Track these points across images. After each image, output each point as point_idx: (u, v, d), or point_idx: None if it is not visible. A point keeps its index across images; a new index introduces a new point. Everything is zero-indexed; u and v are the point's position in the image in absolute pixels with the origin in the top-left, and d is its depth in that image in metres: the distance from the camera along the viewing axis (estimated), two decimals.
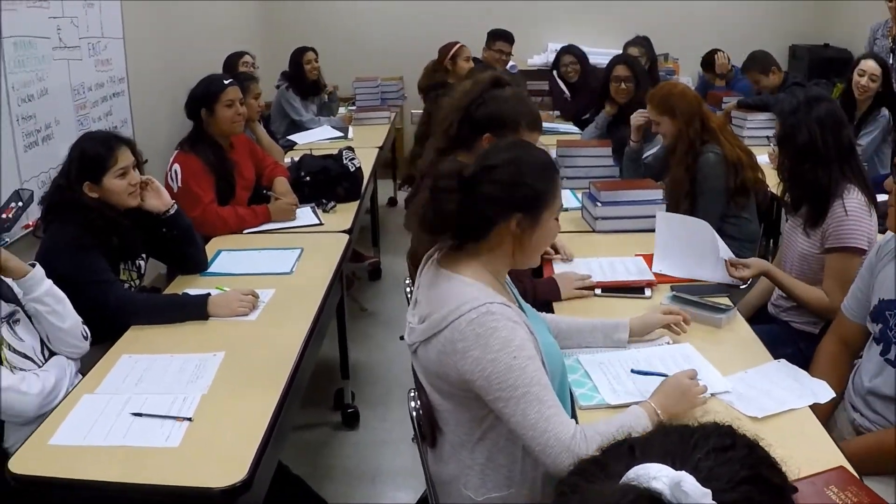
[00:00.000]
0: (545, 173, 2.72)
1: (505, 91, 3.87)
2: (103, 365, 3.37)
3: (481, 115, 3.77)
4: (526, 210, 2.66)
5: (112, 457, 2.73)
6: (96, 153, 3.92)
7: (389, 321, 6.66)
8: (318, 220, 5.31)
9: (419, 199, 2.76)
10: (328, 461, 4.90)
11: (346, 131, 8.38)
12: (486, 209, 2.65)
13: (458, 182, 2.65)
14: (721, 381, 3.05)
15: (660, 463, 1.24)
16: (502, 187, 2.64)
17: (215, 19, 8.84)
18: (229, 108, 5.26)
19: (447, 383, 2.68)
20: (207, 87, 5.31)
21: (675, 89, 5.20)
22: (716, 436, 1.31)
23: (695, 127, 4.97)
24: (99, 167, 3.90)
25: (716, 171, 4.90)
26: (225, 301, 3.85)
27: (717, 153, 4.91)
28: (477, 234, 2.70)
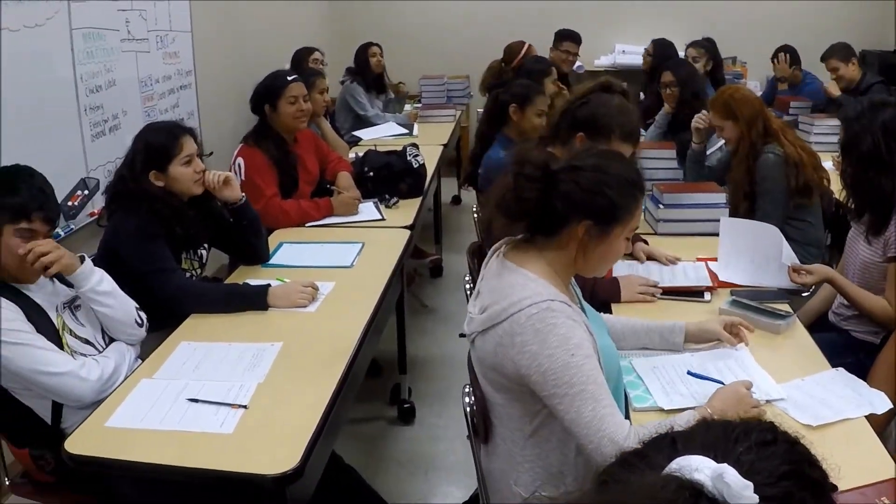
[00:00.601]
0: (627, 189, 2.69)
1: (612, 98, 3.89)
2: (162, 351, 3.41)
3: (580, 115, 3.82)
4: (597, 219, 2.65)
5: (166, 440, 2.76)
6: (162, 142, 3.97)
7: (449, 318, 6.65)
8: (380, 216, 5.31)
9: (501, 183, 2.74)
10: (382, 454, 4.91)
11: (412, 128, 8.39)
12: (561, 206, 2.64)
13: (543, 172, 2.65)
14: (776, 388, 3.01)
15: (702, 456, 1.24)
16: (581, 190, 2.63)
17: (282, 16, 8.89)
18: (292, 104, 5.27)
19: (502, 376, 2.68)
20: (271, 83, 5.34)
21: (735, 93, 5.15)
22: (757, 431, 1.30)
23: (757, 129, 4.92)
24: (165, 155, 3.95)
25: (775, 172, 4.84)
26: (285, 292, 3.87)
27: (777, 154, 4.86)
28: (548, 229, 2.71)
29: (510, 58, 8.69)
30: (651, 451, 1.32)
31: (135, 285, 3.68)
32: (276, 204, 5.09)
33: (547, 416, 2.67)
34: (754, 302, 3.67)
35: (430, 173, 6.24)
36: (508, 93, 5.45)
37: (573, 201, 2.64)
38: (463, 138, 10.35)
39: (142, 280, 3.76)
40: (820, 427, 2.78)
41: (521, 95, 5.38)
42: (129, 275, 3.73)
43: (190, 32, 6.47)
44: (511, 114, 5.34)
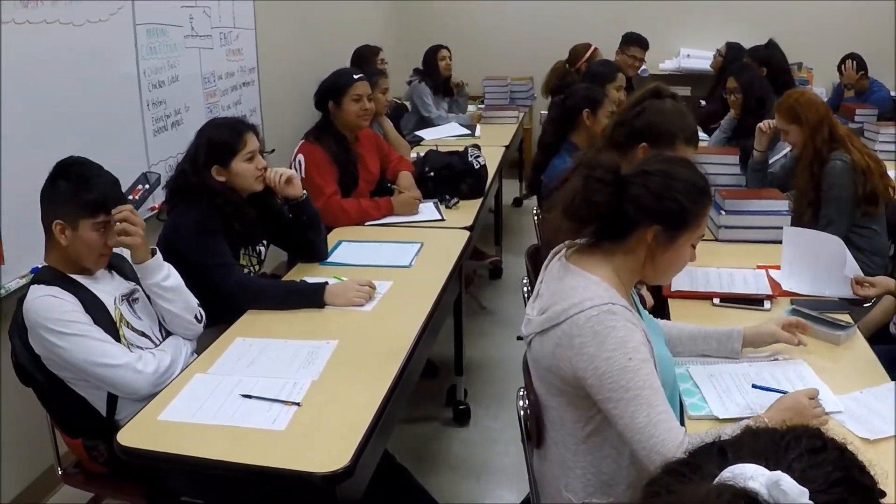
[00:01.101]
0: (696, 196, 2.69)
1: (665, 103, 3.88)
2: (217, 346, 3.42)
3: (640, 124, 3.81)
4: (666, 224, 2.65)
5: (218, 435, 2.76)
6: (225, 137, 4.00)
7: (507, 320, 6.61)
8: (439, 216, 5.29)
9: (569, 187, 2.72)
10: (436, 455, 4.89)
11: (474, 129, 8.38)
12: (630, 210, 2.64)
13: (614, 176, 2.65)
14: (833, 399, 2.95)
15: (753, 464, 1.22)
16: (650, 194, 2.63)
17: (346, 14, 8.93)
18: (356, 102, 5.28)
19: (558, 378, 2.67)
20: (336, 80, 5.35)
21: (801, 97, 5.09)
22: (807, 437, 1.29)
23: (822, 135, 4.86)
24: (228, 151, 3.97)
25: (842, 180, 4.77)
26: (342, 290, 3.86)
27: (844, 161, 4.79)
28: (616, 233, 2.70)
29: (574, 59, 8.66)
30: (700, 460, 1.31)
31: (192, 280, 3.70)
32: (336, 202, 5.09)
33: (601, 421, 2.66)
34: (814, 312, 3.61)
35: (492, 174, 6.23)
36: (576, 97, 5.36)
37: (643, 205, 2.64)
38: (525, 140, 10.33)
39: (199, 275, 3.78)
40: (878, 441, 2.73)
41: (592, 100, 5.26)
42: (187, 269, 3.74)
43: (254, 30, 6.50)
44: (584, 119, 5.23)
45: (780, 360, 3.28)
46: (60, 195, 3.22)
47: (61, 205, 3.21)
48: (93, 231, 3.22)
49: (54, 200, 3.23)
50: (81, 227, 3.20)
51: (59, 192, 3.22)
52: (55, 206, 3.22)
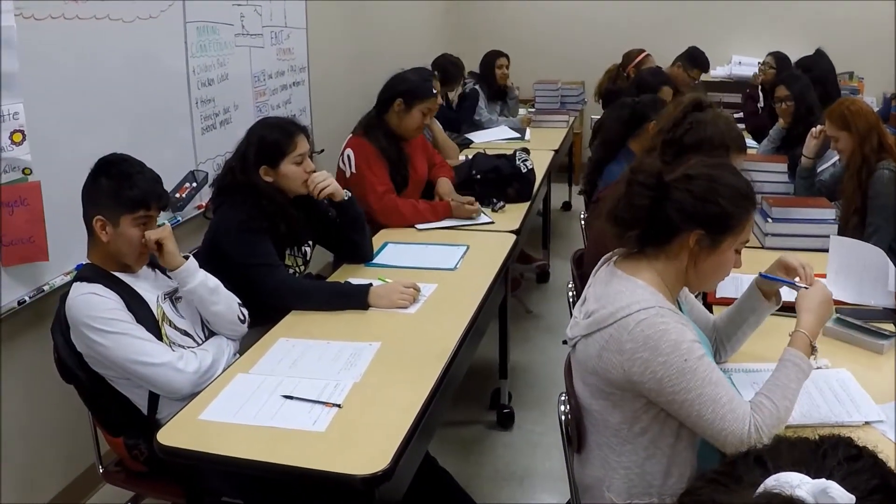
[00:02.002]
0: (740, 200, 2.68)
1: (708, 114, 3.85)
2: (260, 346, 3.42)
3: (691, 141, 3.76)
4: (709, 228, 2.64)
5: (258, 436, 2.75)
6: (277, 138, 3.99)
7: (553, 325, 6.58)
8: (486, 219, 5.26)
9: (614, 193, 2.76)
10: (479, 459, 4.87)
11: (524, 132, 8.36)
12: (672, 215, 2.64)
13: (657, 180, 2.65)
14: (875, 409, 2.93)
15: (795, 472, 1.22)
16: (693, 198, 2.63)
17: (399, 15, 8.94)
18: (424, 115, 5.27)
19: (603, 381, 2.67)
20: (419, 86, 5.28)
21: (852, 105, 5.06)
22: (843, 446, 1.28)
23: (871, 143, 4.83)
24: (278, 152, 3.97)
25: (890, 188, 4.74)
26: (386, 292, 3.84)
27: (892, 170, 4.75)
28: (659, 238, 2.70)
29: (626, 64, 8.64)
30: (740, 470, 1.30)
31: (237, 279, 3.72)
32: (392, 201, 5.07)
33: (649, 422, 2.68)
34: (859, 321, 3.58)
35: (540, 178, 6.20)
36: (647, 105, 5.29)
37: (685, 209, 2.63)
38: (575, 144, 10.31)
39: (244, 274, 3.79)
40: None
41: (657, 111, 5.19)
42: (231, 269, 3.77)
43: (305, 29, 6.52)
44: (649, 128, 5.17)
45: (823, 368, 3.25)
46: (102, 191, 3.23)
47: (102, 201, 3.23)
48: (133, 227, 3.24)
49: (96, 197, 3.25)
50: (122, 224, 3.22)
51: (100, 189, 3.23)
52: (96, 203, 3.24)
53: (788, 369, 2.59)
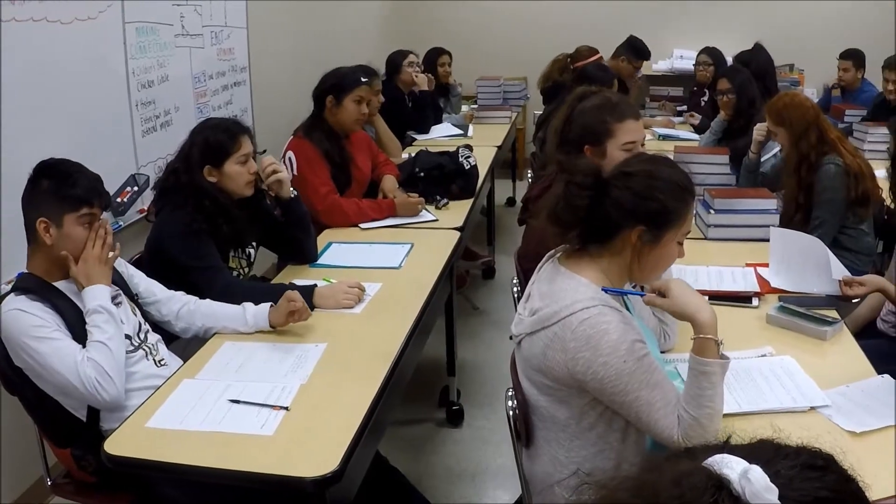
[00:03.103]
0: (678, 193, 2.69)
1: (590, 100, 3.87)
2: (206, 351, 3.40)
3: (575, 134, 3.81)
4: (650, 224, 2.65)
5: (207, 442, 2.74)
6: (221, 138, 3.97)
7: (500, 321, 6.58)
8: (430, 217, 5.27)
9: (552, 193, 2.76)
10: (430, 457, 4.89)
11: (467, 129, 8.36)
12: (612, 213, 2.65)
13: (594, 180, 2.66)
14: (820, 394, 2.99)
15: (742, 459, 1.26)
16: (632, 195, 2.64)
17: (340, 14, 8.92)
18: (357, 104, 5.24)
19: (549, 378, 2.68)
20: (343, 77, 5.29)
21: (791, 101, 5.10)
22: (808, 455, 1.30)
23: (809, 140, 4.87)
24: (222, 152, 3.95)
25: (836, 183, 4.79)
26: (331, 293, 3.84)
27: (837, 164, 4.80)
28: (601, 236, 2.71)
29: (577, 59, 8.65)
30: (698, 451, 1.34)
31: (180, 283, 3.70)
32: (335, 201, 5.06)
33: (596, 417, 2.69)
34: (802, 308, 3.65)
35: (484, 175, 6.21)
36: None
37: (625, 207, 2.64)
38: (518, 140, 10.35)
39: (188, 277, 3.77)
40: (864, 434, 2.77)
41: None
42: (176, 272, 3.76)
43: (245, 28, 6.48)
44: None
45: (767, 356, 3.32)
46: (43, 193, 3.18)
47: (44, 203, 3.18)
48: (78, 226, 3.20)
49: (37, 200, 3.19)
50: (66, 224, 3.18)
51: (41, 191, 3.19)
52: (38, 206, 3.19)
53: (694, 378, 2.57)
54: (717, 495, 1.21)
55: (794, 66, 10.52)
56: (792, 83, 9.82)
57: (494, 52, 11.13)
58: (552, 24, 10.96)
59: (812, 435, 1.35)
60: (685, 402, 2.56)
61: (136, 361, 3.32)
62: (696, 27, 10.80)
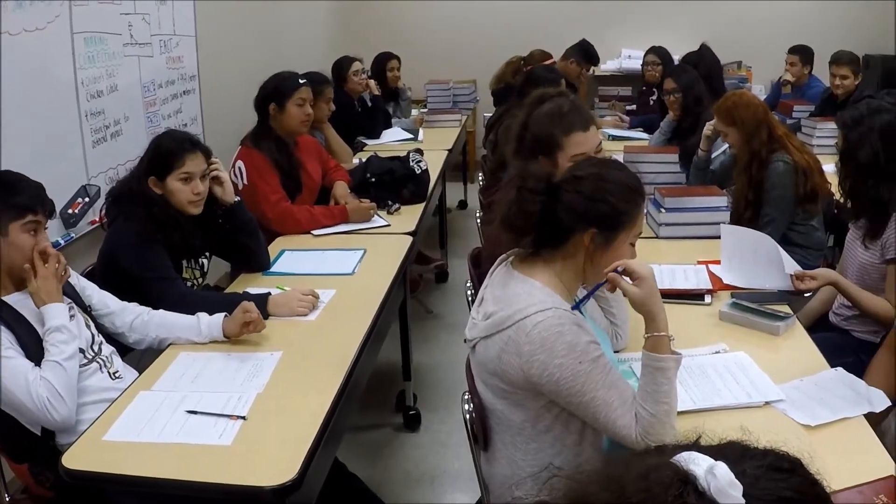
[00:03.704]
0: (628, 195, 2.72)
1: (544, 107, 3.90)
2: (161, 362, 3.39)
3: (529, 142, 3.87)
4: (601, 226, 2.68)
5: (165, 453, 2.74)
6: (168, 151, 3.94)
7: (454, 324, 6.60)
8: (382, 222, 5.28)
9: (505, 198, 2.78)
10: (388, 462, 4.89)
11: (417, 133, 8.37)
12: (564, 217, 2.67)
13: (546, 185, 2.69)
14: (774, 389, 3.02)
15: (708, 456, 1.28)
16: (583, 199, 2.67)
17: (288, 19, 8.89)
18: (300, 106, 5.24)
19: (504, 382, 2.70)
20: (281, 83, 5.29)
21: (739, 100, 5.14)
22: (775, 457, 1.32)
23: (759, 138, 4.92)
24: (166, 165, 3.92)
25: (785, 180, 4.84)
26: (285, 300, 3.84)
27: (786, 161, 4.85)
28: (554, 240, 2.73)
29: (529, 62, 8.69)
30: (667, 448, 1.36)
31: (134, 294, 3.69)
32: (286, 209, 5.05)
33: (552, 420, 2.71)
34: (754, 304, 3.68)
35: (435, 178, 6.24)
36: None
37: (576, 211, 2.67)
38: (469, 143, 10.37)
39: (142, 288, 3.75)
40: (819, 427, 2.80)
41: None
42: (129, 282, 3.74)
43: (194, 36, 6.44)
44: None
45: (721, 352, 3.35)
46: None
47: None
48: (23, 234, 3.17)
49: None
50: (12, 232, 3.15)
51: None
52: None
53: (649, 374, 2.60)
54: (683, 490, 1.23)
55: (741, 64, 10.61)
56: (740, 80, 9.90)
57: (443, 56, 11.15)
58: (500, 26, 11.03)
59: (780, 439, 1.37)
60: (642, 399, 2.59)
61: (91, 374, 3.29)
62: (643, 27, 10.85)
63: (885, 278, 3.92)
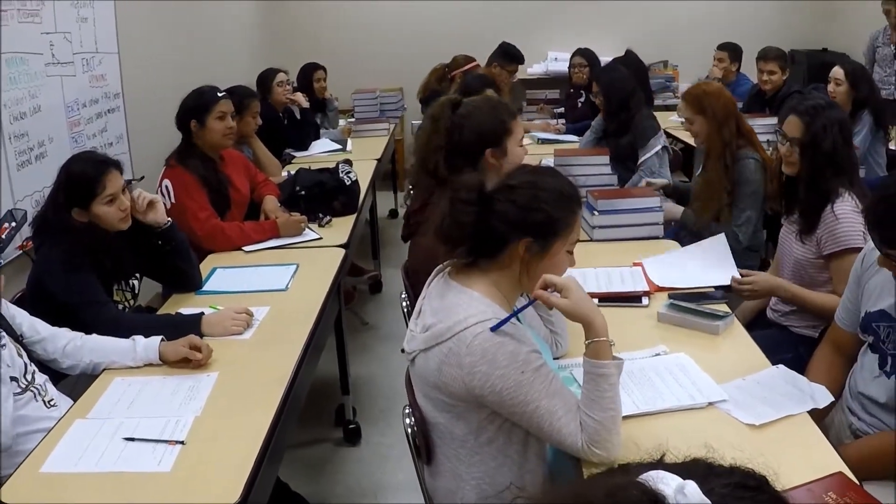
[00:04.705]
0: (563, 202, 2.72)
1: (473, 102, 3.91)
2: (96, 389, 3.33)
3: (471, 137, 3.82)
4: (536, 235, 2.68)
5: (104, 483, 2.70)
6: (84, 179, 3.86)
7: (390, 335, 6.61)
8: (314, 235, 5.25)
9: (438, 210, 2.79)
10: (330, 478, 4.86)
11: (345, 144, 8.35)
12: (499, 227, 2.67)
13: (479, 195, 2.68)
14: (717, 389, 3.03)
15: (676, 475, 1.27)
16: (517, 207, 2.67)
17: (214, 34, 8.82)
18: (221, 120, 5.20)
19: (446, 395, 2.68)
20: (200, 98, 5.26)
21: (709, 88, 5.23)
22: (741, 475, 1.31)
23: (730, 128, 4.97)
24: (87, 194, 3.85)
25: (757, 177, 4.92)
26: (218, 320, 3.80)
27: (756, 159, 4.93)
28: (489, 250, 2.72)
29: (453, 68, 8.71)
30: (633, 466, 1.35)
31: (65, 320, 3.62)
32: (216, 226, 5.00)
33: (495, 431, 2.70)
34: (692, 304, 3.70)
35: (365, 189, 6.23)
36: None
37: (511, 220, 2.67)
38: (398, 151, 10.35)
39: (73, 314, 3.69)
40: (763, 426, 2.82)
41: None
42: (59, 309, 3.67)
43: (117, 54, 6.35)
44: None
45: (661, 354, 3.36)
46: None
47: None
48: None
49: None
50: None
51: None
52: None
53: (592, 381, 2.60)
54: None
55: (668, 63, 10.71)
56: (667, 79, 10.01)
57: (369, 64, 11.15)
58: (425, 33, 11.03)
59: (746, 456, 1.36)
60: (586, 406, 2.58)
61: (25, 404, 3.22)
62: (569, 29, 10.94)
63: (822, 272, 3.97)
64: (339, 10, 11.34)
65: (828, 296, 3.91)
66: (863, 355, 3.30)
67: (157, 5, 7.11)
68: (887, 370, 3.10)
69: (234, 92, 5.90)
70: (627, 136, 6.39)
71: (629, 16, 10.79)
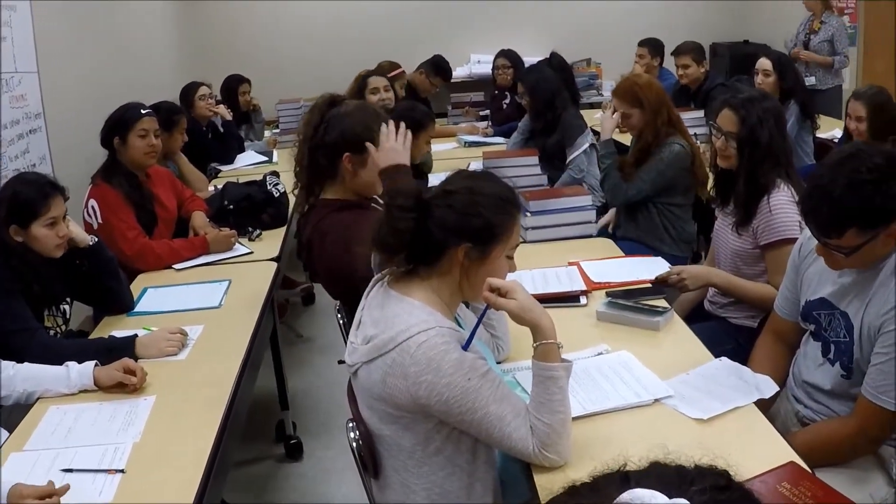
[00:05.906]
0: (502, 207, 2.70)
1: (345, 106, 3.85)
2: (30, 419, 3.25)
3: (331, 139, 3.75)
4: (475, 240, 2.66)
5: None
6: (29, 198, 3.81)
7: (326, 346, 6.57)
8: (245, 250, 5.20)
9: (375, 217, 2.76)
10: (274, 495, 4.82)
11: (271, 155, 8.31)
12: (437, 233, 2.64)
13: (415, 202, 2.66)
14: (662, 385, 3.04)
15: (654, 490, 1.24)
16: (455, 213, 2.64)
17: (136, 50, 8.73)
18: (143, 138, 5.11)
19: (391, 406, 2.65)
20: (122, 115, 5.18)
21: (639, 80, 5.25)
22: (711, 475, 1.31)
23: (662, 116, 5.03)
24: (29, 213, 3.79)
25: (678, 163, 4.97)
26: (152, 341, 3.74)
27: (683, 146, 4.97)
28: (428, 257, 2.70)
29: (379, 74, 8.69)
30: (601, 484, 1.32)
31: None
32: (145, 244, 4.93)
33: (443, 441, 2.67)
34: (631, 301, 3.71)
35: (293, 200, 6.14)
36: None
37: (449, 226, 2.64)
38: None
39: (3, 342, 3.60)
40: (711, 419, 2.82)
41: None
42: None
43: (37, 73, 6.25)
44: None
45: (604, 353, 3.37)
46: None
47: None
48: None
49: None
50: None
51: None
52: None
53: (541, 384, 2.61)
54: None
55: (591, 61, 10.78)
56: (591, 77, 10.07)
57: (292, 74, 11.12)
58: (348, 39, 11.04)
59: (702, 451, 1.38)
60: (536, 410, 2.58)
61: None
62: (491, 31, 11.01)
63: (759, 262, 3.99)
64: (259, 19, 11.33)
65: (763, 286, 3.94)
66: (805, 344, 3.32)
67: (76, 23, 7.03)
68: (831, 357, 3.11)
69: (161, 108, 5.83)
70: (555, 136, 6.40)
71: (551, 15, 10.87)
